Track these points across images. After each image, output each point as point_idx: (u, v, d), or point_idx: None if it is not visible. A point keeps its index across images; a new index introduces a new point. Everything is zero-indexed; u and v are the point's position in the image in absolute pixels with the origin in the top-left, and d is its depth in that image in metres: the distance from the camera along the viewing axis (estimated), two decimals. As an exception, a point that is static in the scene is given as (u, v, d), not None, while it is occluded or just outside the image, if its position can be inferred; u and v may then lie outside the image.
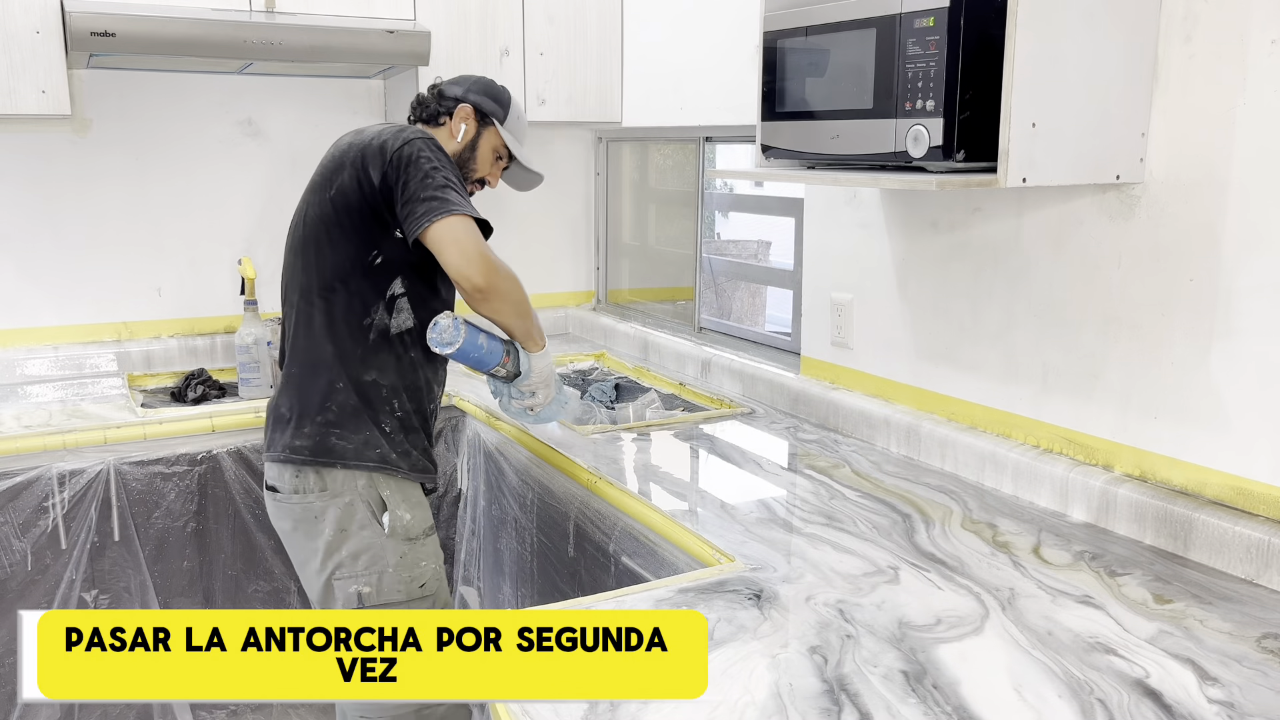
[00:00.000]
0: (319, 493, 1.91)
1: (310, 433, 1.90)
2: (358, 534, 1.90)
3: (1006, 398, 1.99)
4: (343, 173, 1.88)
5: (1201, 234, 1.62)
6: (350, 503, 1.90)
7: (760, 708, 1.19)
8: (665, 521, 1.82)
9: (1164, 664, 1.30)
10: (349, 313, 1.90)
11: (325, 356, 1.91)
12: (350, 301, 1.90)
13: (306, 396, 1.92)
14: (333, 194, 1.89)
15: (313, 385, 1.92)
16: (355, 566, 1.91)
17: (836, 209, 2.38)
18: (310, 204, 1.94)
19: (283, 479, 1.94)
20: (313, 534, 1.92)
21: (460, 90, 2.09)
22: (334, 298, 1.90)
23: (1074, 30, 1.55)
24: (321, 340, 1.91)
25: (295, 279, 1.96)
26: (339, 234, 1.89)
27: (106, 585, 2.40)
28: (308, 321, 1.93)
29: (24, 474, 2.29)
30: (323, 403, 1.91)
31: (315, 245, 1.92)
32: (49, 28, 2.45)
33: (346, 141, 1.94)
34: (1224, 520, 1.58)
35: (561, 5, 3.08)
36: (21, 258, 2.84)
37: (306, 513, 1.92)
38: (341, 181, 1.88)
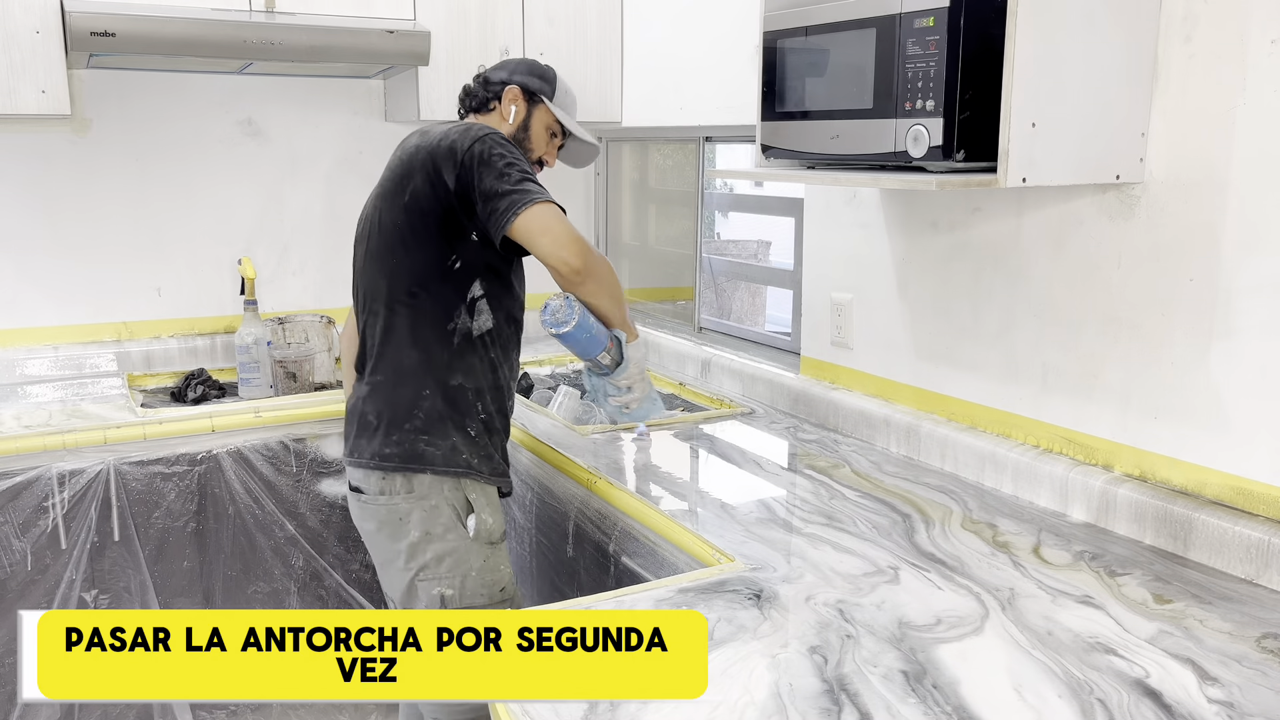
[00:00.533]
0: (405, 495, 1.89)
1: (399, 440, 1.88)
2: (443, 537, 1.89)
3: (1006, 398, 1.99)
4: (414, 178, 1.85)
5: (1201, 234, 1.62)
6: (436, 505, 1.89)
7: (760, 708, 1.19)
8: (665, 521, 1.82)
9: (1164, 664, 1.30)
10: (433, 318, 1.88)
11: (412, 363, 1.89)
12: (434, 307, 1.88)
13: (395, 404, 1.89)
14: (407, 200, 1.86)
15: (400, 392, 1.89)
16: (439, 569, 1.89)
17: (836, 209, 2.38)
18: (383, 210, 1.91)
19: (368, 481, 1.91)
20: (397, 535, 1.90)
21: (505, 73, 2.08)
22: (417, 304, 1.88)
23: (1074, 30, 1.55)
24: (407, 347, 1.89)
25: (375, 287, 1.93)
26: (416, 240, 1.86)
27: (106, 585, 2.40)
28: (391, 329, 1.90)
29: (24, 474, 2.29)
30: (411, 410, 1.88)
31: (393, 252, 1.89)
32: (49, 28, 2.44)
33: (414, 144, 1.90)
34: (1224, 520, 1.58)
35: (561, 5, 3.07)
36: (21, 258, 2.84)
37: (391, 514, 1.90)
38: (415, 187, 1.85)
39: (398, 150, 1.95)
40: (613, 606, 1.45)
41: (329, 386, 2.86)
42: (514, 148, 1.87)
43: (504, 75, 2.08)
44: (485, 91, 2.08)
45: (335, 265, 3.23)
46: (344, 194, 3.20)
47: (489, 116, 2.08)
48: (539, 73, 2.11)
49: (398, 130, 3.23)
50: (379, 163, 3.20)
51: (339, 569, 2.63)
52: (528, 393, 2.90)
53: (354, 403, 1.98)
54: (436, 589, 1.90)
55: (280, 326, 2.84)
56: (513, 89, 2.06)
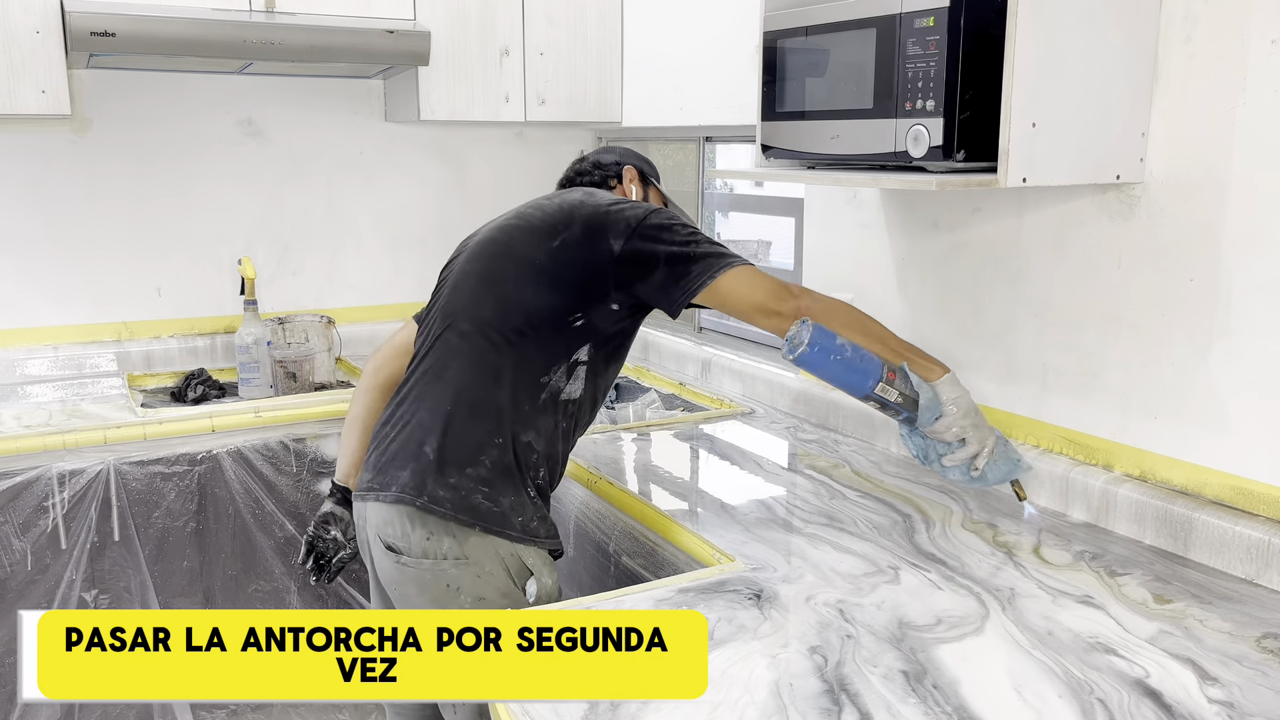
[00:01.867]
0: (455, 561, 1.67)
1: (456, 484, 1.67)
2: (499, 602, 1.68)
3: (1006, 397, 1.99)
4: (572, 228, 1.73)
5: (1201, 234, 1.62)
6: (490, 571, 1.68)
7: (760, 708, 1.19)
8: (665, 521, 1.82)
9: (1164, 664, 1.30)
10: (530, 365, 1.73)
11: (493, 404, 1.70)
12: (535, 354, 1.73)
13: (461, 442, 1.69)
14: (556, 245, 1.73)
15: (470, 431, 1.69)
16: None
17: (836, 209, 2.38)
18: (520, 242, 1.78)
19: (410, 537, 1.67)
20: (444, 603, 1.68)
21: (615, 157, 2.05)
22: (520, 341, 1.72)
23: (1074, 30, 1.55)
24: (490, 384, 1.71)
25: (475, 308, 1.76)
26: (551, 284, 1.73)
27: (106, 585, 2.40)
28: (479, 359, 1.73)
29: (24, 474, 2.29)
30: (477, 454, 1.68)
31: (517, 284, 1.75)
32: (49, 28, 2.45)
33: (577, 199, 1.80)
34: (1224, 520, 1.58)
35: (561, 5, 3.08)
36: (21, 258, 2.84)
37: (438, 580, 1.68)
38: (570, 236, 1.73)
39: (555, 197, 1.85)
40: (613, 606, 1.45)
41: (329, 386, 2.86)
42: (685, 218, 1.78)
43: (615, 159, 2.05)
44: (602, 172, 2.03)
45: (335, 265, 3.24)
46: (344, 194, 3.20)
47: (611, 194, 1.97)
48: (643, 158, 2.10)
49: (398, 130, 3.23)
50: (379, 163, 3.23)
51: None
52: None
53: (395, 424, 1.76)
54: None
55: (280, 326, 2.84)
56: (630, 169, 2.03)
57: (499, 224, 1.85)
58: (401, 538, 1.68)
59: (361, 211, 3.25)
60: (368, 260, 3.27)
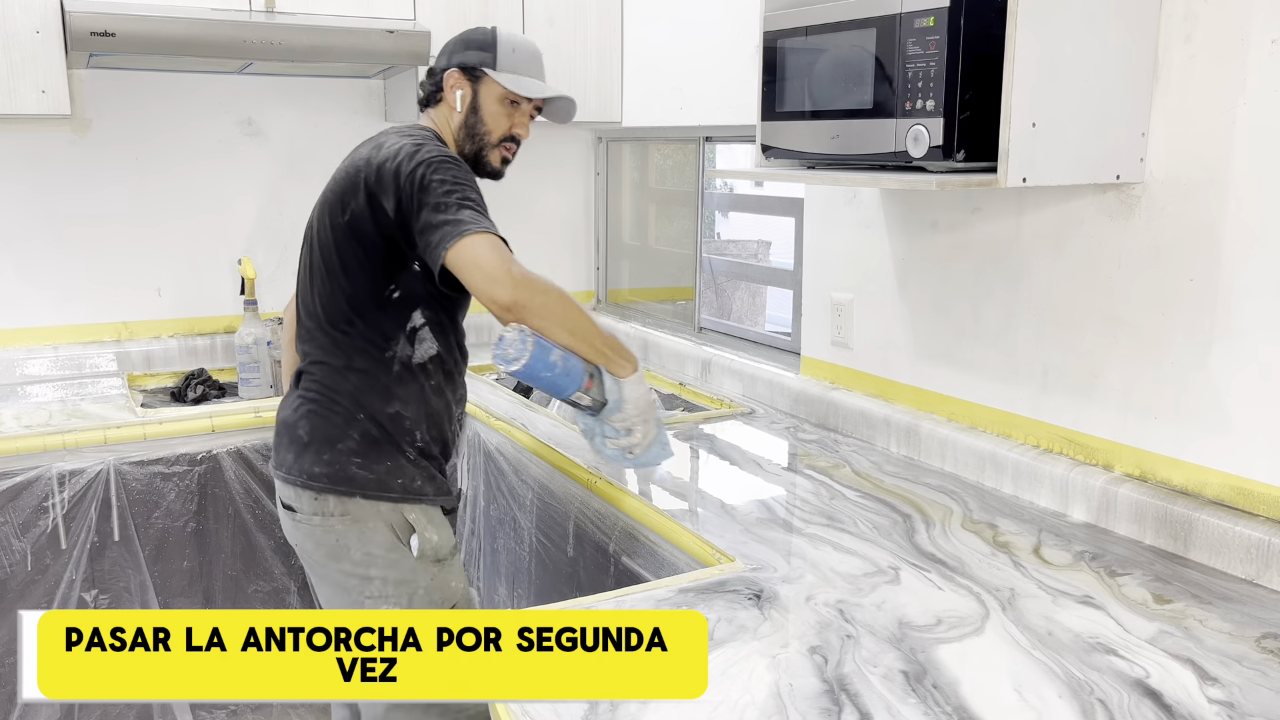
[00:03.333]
0: (340, 517, 1.78)
1: (330, 460, 1.78)
2: (385, 557, 1.79)
3: (1006, 398, 1.99)
4: (357, 195, 1.74)
5: (1201, 234, 1.62)
6: (374, 528, 1.79)
7: (760, 708, 1.19)
8: (665, 521, 1.82)
9: (1164, 664, 1.30)
10: (368, 345, 1.79)
11: (345, 388, 1.80)
12: (369, 334, 1.79)
13: (326, 425, 1.80)
14: (346, 219, 1.76)
15: (332, 415, 1.80)
16: (386, 589, 1.79)
17: (836, 209, 2.38)
18: (323, 226, 1.81)
19: (300, 500, 1.81)
20: (338, 556, 1.80)
21: (445, 59, 1.96)
22: (352, 330, 1.79)
23: (1074, 30, 1.55)
24: (340, 371, 1.80)
25: (311, 305, 1.84)
26: (353, 265, 1.77)
27: (106, 585, 2.40)
28: (324, 350, 1.82)
29: (24, 474, 2.29)
30: (343, 433, 1.79)
31: (328, 274, 1.80)
32: (49, 28, 2.45)
33: (364, 156, 1.78)
34: (1224, 520, 1.58)
35: (561, 5, 3.07)
36: (21, 258, 2.84)
37: (328, 535, 1.79)
38: (355, 206, 1.74)
39: (350, 156, 1.84)
40: (613, 606, 1.45)
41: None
42: (459, 168, 1.73)
43: (444, 61, 1.95)
44: (432, 85, 1.96)
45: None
46: (344, 194, 3.20)
47: (440, 110, 1.96)
48: (477, 43, 1.94)
49: (398, 130, 3.23)
50: (379, 163, 3.22)
51: (339, 569, 2.63)
52: (528, 393, 2.90)
53: (286, 414, 1.86)
54: (385, 609, 1.78)
55: (280, 326, 2.84)
56: (452, 73, 1.92)
57: (318, 202, 1.86)
58: (294, 498, 1.82)
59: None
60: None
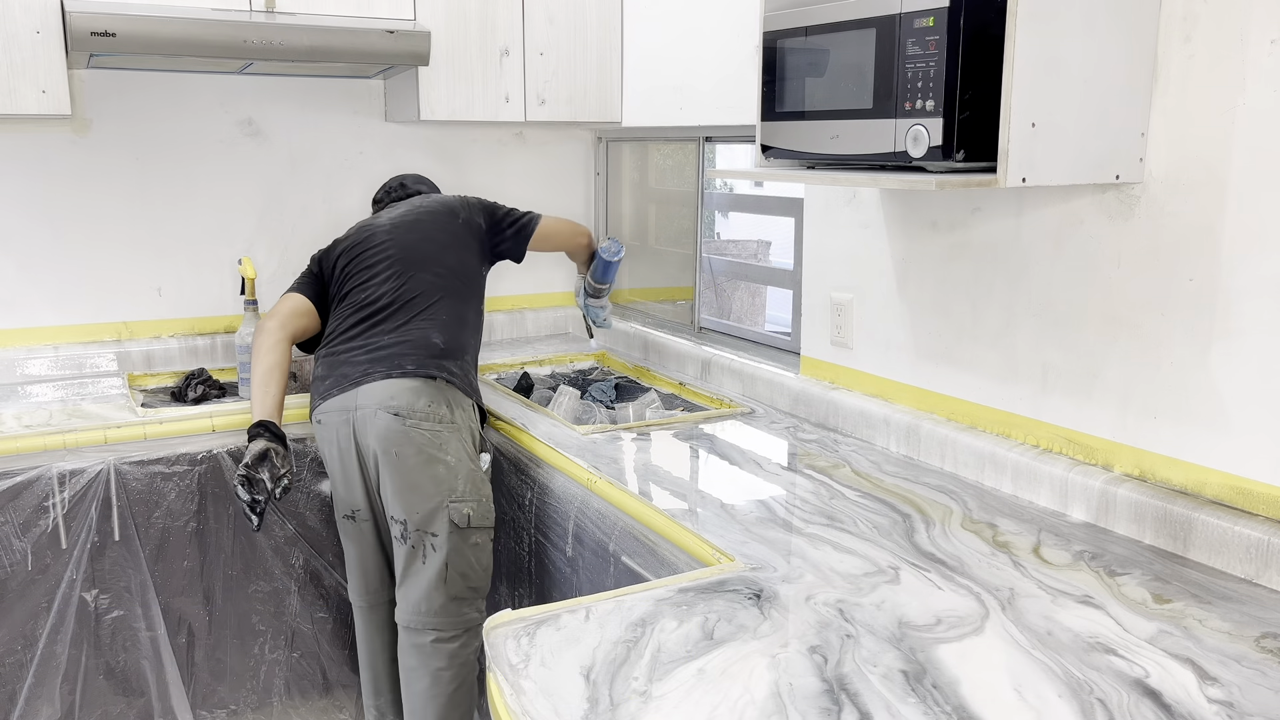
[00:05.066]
0: (448, 424, 2.24)
1: (459, 368, 2.35)
2: (466, 464, 2.24)
3: (1006, 398, 1.99)
4: (461, 212, 2.53)
5: (1201, 234, 1.62)
6: (465, 439, 2.27)
7: (760, 707, 1.20)
8: (665, 521, 1.82)
9: (1164, 664, 1.30)
10: (477, 298, 2.51)
11: (468, 320, 2.44)
12: (478, 291, 2.52)
13: (457, 341, 2.37)
14: (461, 221, 2.52)
15: (461, 334, 2.40)
16: (466, 491, 2.22)
17: (836, 209, 2.38)
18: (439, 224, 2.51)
19: (415, 405, 2.22)
20: (433, 460, 2.19)
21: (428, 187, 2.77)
22: (472, 284, 2.50)
23: (1074, 30, 1.56)
24: (465, 307, 2.45)
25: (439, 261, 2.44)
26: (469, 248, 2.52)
27: (106, 585, 2.40)
28: (454, 291, 2.43)
29: (24, 474, 2.29)
30: (465, 350, 2.39)
31: (460, 248, 2.49)
32: (49, 28, 2.45)
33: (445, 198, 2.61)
34: (1223, 520, 1.58)
35: (561, 5, 3.08)
36: (21, 257, 2.84)
37: (434, 439, 2.21)
38: (465, 216, 2.53)
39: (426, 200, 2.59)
40: (613, 606, 1.45)
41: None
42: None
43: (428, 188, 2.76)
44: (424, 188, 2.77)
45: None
46: (344, 194, 3.20)
47: None
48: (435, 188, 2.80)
49: (398, 130, 3.24)
50: (379, 163, 3.23)
51: (339, 568, 2.63)
52: (528, 392, 2.90)
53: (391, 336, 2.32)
54: (465, 509, 2.20)
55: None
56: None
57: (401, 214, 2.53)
58: (407, 406, 2.22)
59: (361, 211, 3.23)
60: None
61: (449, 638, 2.23)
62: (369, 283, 2.40)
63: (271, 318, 2.39)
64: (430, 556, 2.19)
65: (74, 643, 2.38)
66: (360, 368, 2.28)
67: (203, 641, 2.53)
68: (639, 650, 1.32)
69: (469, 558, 2.21)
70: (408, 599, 2.24)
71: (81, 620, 2.38)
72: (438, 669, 2.23)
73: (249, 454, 2.16)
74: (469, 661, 2.27)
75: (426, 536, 2.19)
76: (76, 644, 2.38)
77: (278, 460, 2.18)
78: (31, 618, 2.34)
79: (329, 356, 2.36)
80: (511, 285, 3.50)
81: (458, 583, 2.21)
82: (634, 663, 1.29)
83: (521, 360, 3.16)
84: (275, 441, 2.20)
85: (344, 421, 2.24)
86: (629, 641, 1.35)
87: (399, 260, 2.41)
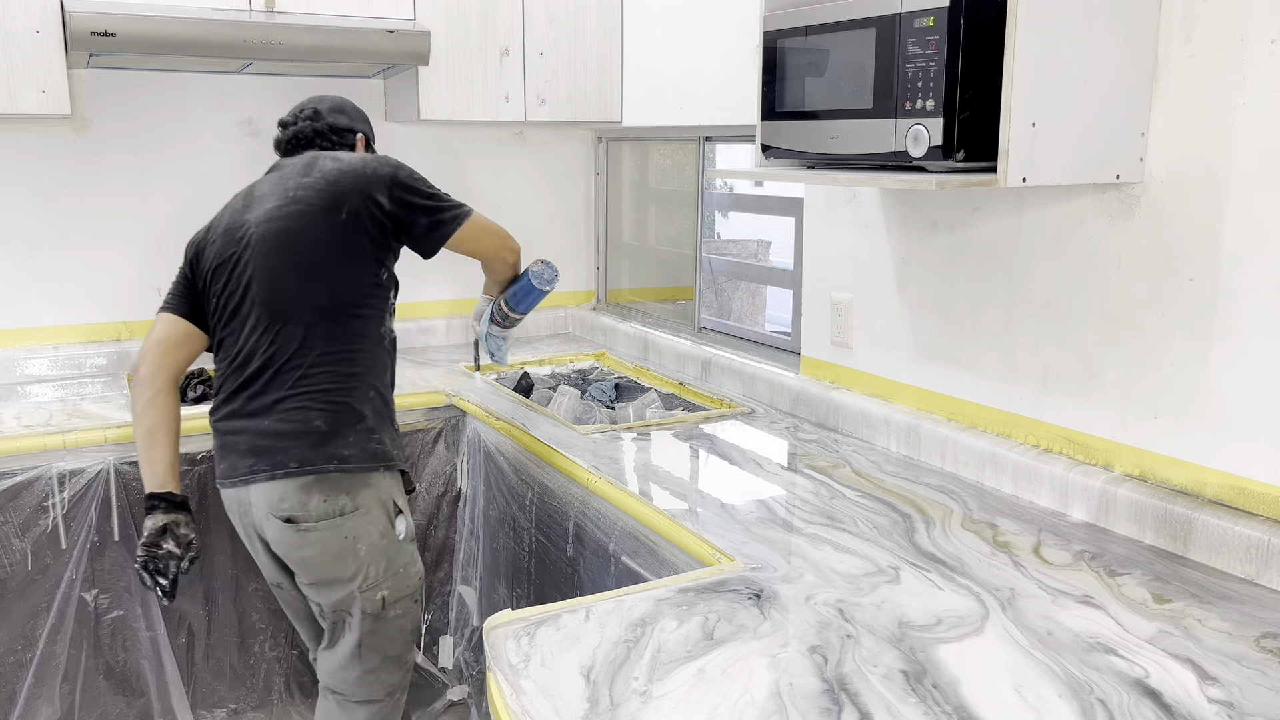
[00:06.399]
0: (350, 514, 1.97)
1: (355, 441, 1.98)
2: (379, 543, 2.01)
3: (1006, 397, 1.99)
4: (349, 198, 2.00)
5: (1201, 234, 1.62)
6: (375, 517, 2.00)
7: (760, 707, 1.20)
8: (665, 521, 1.82)
9: (1164, 664, 1.30)
10: (371, 327, 2.05)
11: (355, 369, 2.01)
12: (372, 317, 2.05)
13: (344, 408, 1.98)
14: (344, 218, 1.99)
15: (348, 397, 1.99)
16: (379, 575, 2.02)
17: (836, 209, 2.38)
18: (312, 226, 2.00)
19: (307, 505, 1.94)
20: (343, 557, 1.98)
21: (348, 121, 2.24)
22: (359, 314, 2.02)
23: (1074, 30, 1.55)
24: (350, 355, 2.01)
25: (309, 297, 1.99)
26: (356, 256, 2.02)
27: (106, 585, 2.40)
28: (333, 338, 1.99)
29: (24, 474, 2.29)
30: (360, 412, 2.00)
31: (335, 267, 2.00)
32: (49, 28, 2.45)
33: (333, 170, 2.03)
34: (1224, 520, 1.58)
35: (561, 5, 3.08)
36: (22, 257, 2.84)
37: (337, 536, 1.97)
38: (352, 206, 2.00)
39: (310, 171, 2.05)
40: (613, 606, 1.45)
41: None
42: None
43: (347, 122, 2.23)
44: (335, 136, 2.21)
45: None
46: (344, 194, 3.20)
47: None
48: (366, 119, 2.31)
49: (398, 130, 3.24)
50: (379, 162, 3.22)
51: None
52: (528, 392, 2.90)
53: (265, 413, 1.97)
54: (379, 594, 2.02)
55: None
56: (362, 139, 2.25)
57: (272, 213, 2.02)
58: (299, 508, 1.94)
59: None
60: (368, 260, 3.27)
61: (365, 700, 2.11)
62: (239, 332, 2.03)
63: (143, 362, 2.08)
64: (347, 634, 2.05)
65: (74, 643, 2.38)
66: (246, 460, 1.98)
67: (202, 641, 2.53)
68: (639, 650, 1.32)
69: (387, 633, 2.07)
70: (328, 664, 2.11)
71: (81, 620, 2.38)
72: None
73: (146, 531, 2.01)
74: (389, 713, 2.15)
75: (344, 615, 2.05)
76: (76, 644, 2.38)
77: (182, 530, 2.03)
78: (31, 618, 2.33)
79: (216, 426, 2.07)
80: (511, 285, 3.50)
81: (374, 658, 2.08)
82: (634, 663, 1.29)
83: (521, 360, 3.16)
84: (176, 511, 2.04)
85: (244, 514, 2.04)
86: (629, 641, 1.35)
87: (264, 305, 1.99)
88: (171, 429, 2.07)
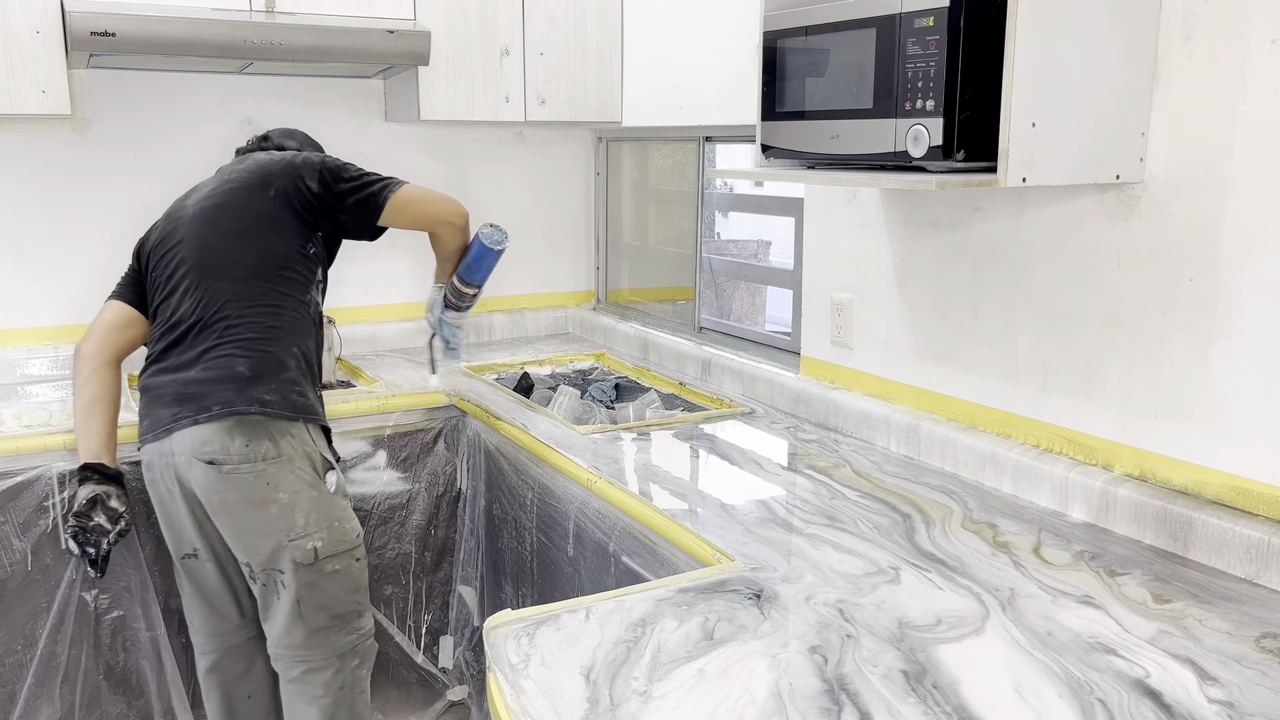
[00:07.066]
0: (272, 460, 2.02)
1: (276, 389, 2.06)
2: (308, 493, 2.06)
3: (1006, 397, 1.99)
4: (278, 179, 2.18)
5: (1201, 234, 1.62)
6: (300, 466, 2.06)
7: (760, 707, 1.20)
8: (665, 521, 1.82)
9: (1164, 664, 1.30)
10: (296, 291, 2.17)
11: (280, 326, 2.12)
12: (297, 282, 2.17)
13: (267, 358, 2.07)
14: (273, 194, 2.17)
15: (271, 348, 2.09)
16: (309, 524, 2.06)
17: (836, 209, 2.38)
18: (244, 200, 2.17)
19: (229, 448, 2.00)
20: (264, 503, 2.03)
21: (295, 144, 2.42)
22: (285, 277, 2.15)
23: (1074, 30, 1.55)
24: (275, 311, 2.12)
25: (240, 258, 2.13)
26: (283, 227, 2.17)
27: (106, 585, 2.40)
28: (258, 295, 2.11)
29: (24, 474, 2.28)
30: (283, 364, 2.09)
31: (265, 233, 2.16)
32: (49, 28, 2.45)
33: (265, 159, 2.25)
34: (1224, 520, 1.58)
35: (561, 5, 3.08)
36: (22, 257, 2.84)
37: (259, 481, 2.02)
38: (280, 185, 2.18)
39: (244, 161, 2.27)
40: (613, 606, 1.45)
41: (330, 386, 2.86)
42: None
43: (296, 145, 2.41)
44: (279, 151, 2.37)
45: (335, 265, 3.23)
46: (344, 194, 3.20)
47: None
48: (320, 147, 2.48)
49: (398, 130, 3.24)
50: (379, 163, 3.22)
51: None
52: (528, 392, 2.90)
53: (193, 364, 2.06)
54: (310, 544, 2.06)
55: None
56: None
57: (207, 195, 2.22)
58: (221, 451, 2.00)
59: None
60: (367, 260, 3.27)
61: (318, 667, 2.13)
62: (171, 297, 2.14)
63: (87, 340, 2.18)
64: (282, 593, 2.07)
65: (74, 643, 2.38)
66: (170, 409, 2.04)
67: (203, 641, 2.53)
68: (639, 650, 1.32)
69: (327, 589, 2.09)
70: (272, 633, 2.14)
71: (81, 620, 2.37)
72: (316, 697, 2.15)
73: (77, 501, 2.04)
74: (349, 682, 2.16)
75: (274, 574, 2.07)
76: (76, 644, 2.38)
77: (113, 503, 2.07)
78: (31, 618, 2.33)
79: (143, 391, 2.14)
80: (512, 285, 3.50)
81: (317, 616, 2.09)
82: (634, 663, 1.29)
83: (521, 360, 3.16)
84: (108, 483, 2.09)
85: (166, 466, 2.06)
86: (629, 641, 1.35)
87: (195, 268, 2.12)
88: (109, 404, 2.15)
